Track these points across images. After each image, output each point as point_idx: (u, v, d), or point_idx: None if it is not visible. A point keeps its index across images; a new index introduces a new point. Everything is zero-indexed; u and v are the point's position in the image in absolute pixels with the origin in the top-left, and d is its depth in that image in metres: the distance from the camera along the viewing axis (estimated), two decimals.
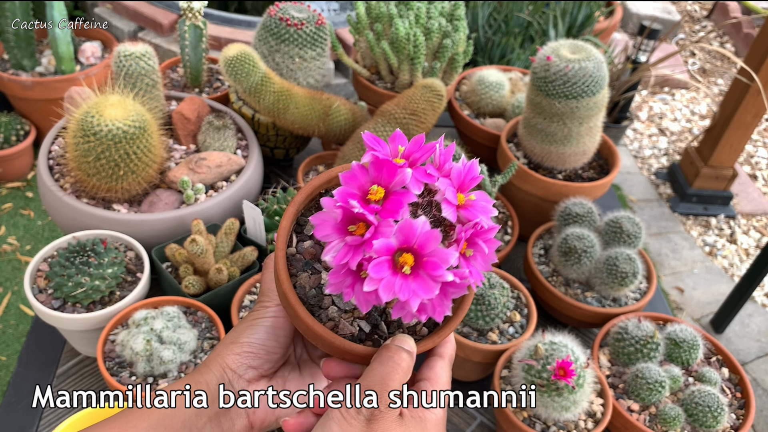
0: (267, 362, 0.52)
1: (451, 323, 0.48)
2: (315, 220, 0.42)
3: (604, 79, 1.16)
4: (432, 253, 0.40)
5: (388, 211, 0.40)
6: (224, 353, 0.51)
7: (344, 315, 0.47)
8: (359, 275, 0.40)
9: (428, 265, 0.40)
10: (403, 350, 0.46)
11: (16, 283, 2.05)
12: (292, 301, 0.46)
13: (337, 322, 0.47)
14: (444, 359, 0.50)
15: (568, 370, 0.86)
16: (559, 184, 1.21)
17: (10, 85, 2.17)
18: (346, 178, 0.42)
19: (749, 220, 2.77)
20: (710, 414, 0.95)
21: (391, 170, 0.41)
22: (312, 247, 0.49)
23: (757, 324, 2.32)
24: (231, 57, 1.12)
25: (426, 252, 0.40)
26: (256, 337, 0.52)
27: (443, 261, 0.40)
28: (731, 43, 3.90)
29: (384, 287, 0.39)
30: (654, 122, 3.27)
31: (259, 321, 0.52)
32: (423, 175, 0.42)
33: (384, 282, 0.39)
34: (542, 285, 1.14)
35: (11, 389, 0.98)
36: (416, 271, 0.40)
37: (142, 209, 1.10)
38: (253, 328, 0.52)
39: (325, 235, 0.41)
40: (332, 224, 0.41)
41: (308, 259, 0.48)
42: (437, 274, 0.39)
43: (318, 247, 0.49)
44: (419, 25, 1.29)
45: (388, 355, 0.45)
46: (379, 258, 0.39)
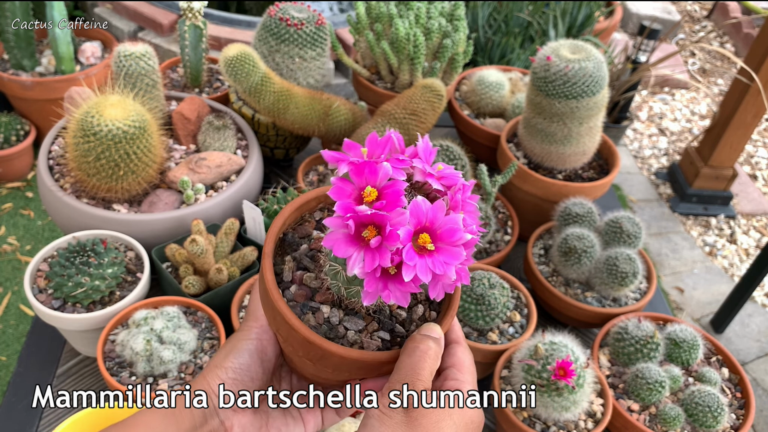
0: (251, 389, 0.51)
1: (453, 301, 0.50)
2: (328, 243, 0.42)
3: (604, 79, 1.16)
4: (443, 223, 0.42)
5: (391, 203, 0.42)
6: (210, 377, 0.51)
7: (362, 335, 0.48)
8: (389, 274, 0.42)
9: (445, 235, 0.42)
10: (428, 338, 0.47)
11: (16, 283, 2.05)
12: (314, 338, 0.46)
13: (360, 343, 0.47)
14: (461, 344, 0.50)
15: (568, 370, 0.86)
16: (559, 184, 1.21)
17: (10, 85, 2.17)
18: (335, 193, 0.43)
19: (749, 220, 2.77)
20: (710, 414, 0.95)
21: (373, 169, 0.42)
22: (300, 290, 0.49)
23: (757, 324, 2.32)
24: (231, 57, 1.12)
25: (438, 225, 0.42)
26: (239, 362, 0.51)
27: (455, 226, 0.42)
28: (731, 43, 3.90)
29: (421, 270, 0.40)
30: (654, 122, 3.27)
31: (244, 344, 0.52)
32: (400, 162, 0.44)
33: (419, 266, 0.40)
34: (542, 285, 1.14)
35: (11, 389, 0.98)
36: (437, 245, 0.42)
37: (142, 209, 1.10)
38: (237, 352, 0.51)
39: (345, 251, 0.42)
40: (346, 239, 0.42)
41: (303, 302, 0.49)
42: (456, 238, 0.41)
43: (306, 288, 0.49)
44: (419, 25, 1.29)
45: (414, 346, 0.46)
46: (407, 245, 0.41)
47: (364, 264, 0.41)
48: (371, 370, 0.48)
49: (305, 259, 0.50)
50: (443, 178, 0.45)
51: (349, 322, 0.48)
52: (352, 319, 0.48)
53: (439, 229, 0.42)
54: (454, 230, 0.41)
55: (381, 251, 0.41)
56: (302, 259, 0.50)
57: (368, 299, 0.42)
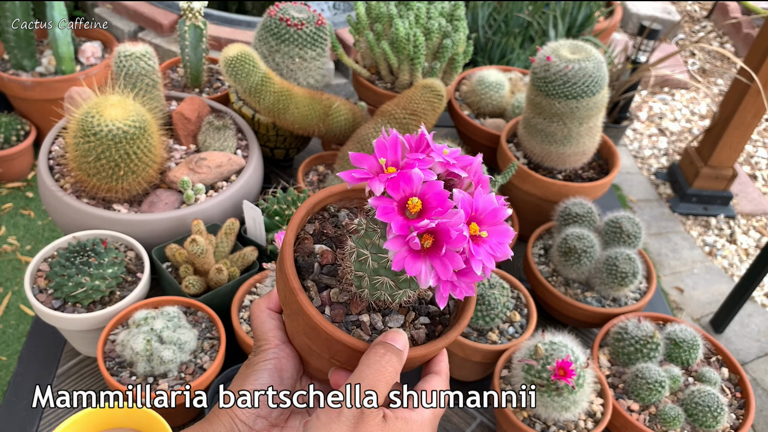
0: (275, 410, 0.50)
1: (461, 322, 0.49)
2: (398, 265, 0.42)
3: (604, 79, 1.16)
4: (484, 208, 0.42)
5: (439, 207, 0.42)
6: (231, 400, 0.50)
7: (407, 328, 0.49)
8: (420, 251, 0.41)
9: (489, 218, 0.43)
10: (389, 352, 0.45)
11: (16, 283, 2.05)
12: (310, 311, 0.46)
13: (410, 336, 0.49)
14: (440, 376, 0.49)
15: (568, 370, 0.86)
16: (558, 184, 1.21)
17: (10, 85, 2.17)
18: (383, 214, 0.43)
19: (749, 220, 2.77)
20: (710, 414, 0.95)
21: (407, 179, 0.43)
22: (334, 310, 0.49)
23: (757, 324, 2.32)
24: (231, 57, 1.12)
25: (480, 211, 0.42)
26: (260, 383, 0.50)
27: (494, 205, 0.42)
28: (731, 43, 3.90)
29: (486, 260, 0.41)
30: (654, 122, 3.27)
31: (262, 365, 0.51)
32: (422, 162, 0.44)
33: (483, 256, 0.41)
34: (542, 285, 1.14)
35: (11, 389, 0.98)
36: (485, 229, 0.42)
37: (143, 209, 1.10)
38: (257, 374, 0.50)
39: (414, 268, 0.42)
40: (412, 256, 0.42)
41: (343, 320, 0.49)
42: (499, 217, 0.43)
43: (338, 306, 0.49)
44: (419, 26, 1.29)
45: (375, 360, 0.45)
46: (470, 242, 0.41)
47: (438, 273, 0.41)
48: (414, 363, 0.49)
49: (324, 277, 0.50)
50: (458, 161, 0.45)
51: (392, 321, 0.48)
52: (393, 317, 0.48)
53: (483, 213, 0.42)
54: (495, 211, 0.42)
55: (451, 257, 0.41)
56: (321, 278, 0.50)
57: (443, 302, 0.43)
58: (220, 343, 0.94)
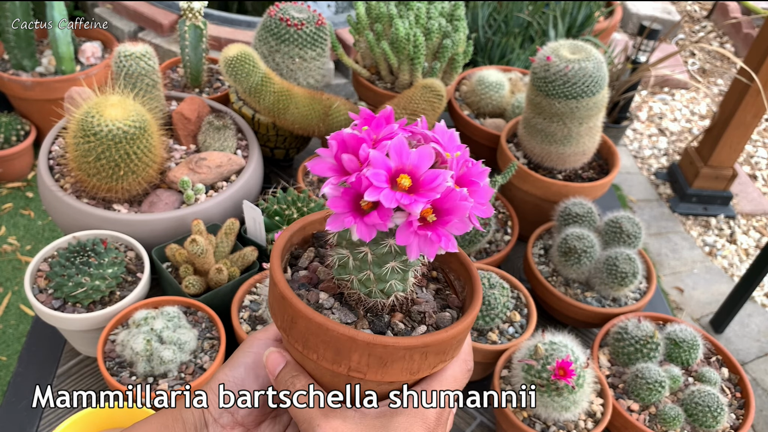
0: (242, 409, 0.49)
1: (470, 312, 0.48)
2: (311, 162, 0.42)
3: (604, 79, 1.16)
4: (427, 171, 0.40)
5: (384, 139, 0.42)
6: (206, 390, 0.49)
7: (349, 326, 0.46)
8: (361, 209, 0.41)
9: (426, 182, 0.40)
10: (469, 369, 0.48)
11: (16, 283, 2.05)
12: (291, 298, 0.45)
13: None
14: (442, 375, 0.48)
15: (568, 370, 0.86)
16: (558, 184, 1.21)
17: (10, 85, 2.17)
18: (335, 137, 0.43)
19: (749, 220, 2.77)
20: (710, 414, 0.95)
21: (378, 123, 0.43)
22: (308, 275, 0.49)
23: (757, 324, 2.32)
24: (231, 57, 1.12)
25: (421, 172, 0.41)
26: (233, 374, 0.49)
27: (441, 176, 0.40)
28: (731, 43, 3.90)
29: (386, 195, 0.39)
30: (654, 122, 3.27)
31: (241, 359, 0.50)
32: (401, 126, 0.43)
33: (386, 192, 0.39)
34: (542, 285, 1.14)
35: (11, 389, 0.98)
36: (414, 189, 0.41)
37: (143, 209, 1.10)
38: (232, 365, 0.50)
39: (321, 171, 0.42)
40: (328, 160, 0.42)
41: (303, 282, 0.49)
42: (435, 184, 0.40)
43: (312, 274, 0.49)
44: (419, 26, 1.29)
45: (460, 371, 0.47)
46: (377, 170, 0.40)
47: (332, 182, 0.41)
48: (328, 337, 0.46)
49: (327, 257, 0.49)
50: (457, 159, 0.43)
51: (340, 312, 0.46)
52: (344, 311, 0.47)
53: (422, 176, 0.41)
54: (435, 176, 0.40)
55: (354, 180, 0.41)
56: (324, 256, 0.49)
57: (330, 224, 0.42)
58: (220, 343, 0.94)
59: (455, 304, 0.51)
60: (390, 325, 0.47)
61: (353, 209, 0.41)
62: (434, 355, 0.45)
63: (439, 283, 0.53)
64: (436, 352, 0.45)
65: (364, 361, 0.43)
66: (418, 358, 0.44)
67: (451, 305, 0.51)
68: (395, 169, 0.40)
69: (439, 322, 0.48)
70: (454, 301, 0.51)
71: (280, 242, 0.49)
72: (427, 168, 0.40)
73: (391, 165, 0.40)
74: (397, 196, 0.39)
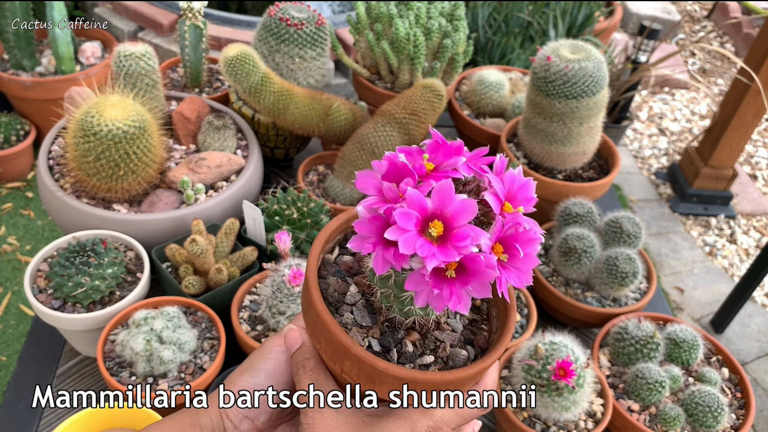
0: (263, 413, 0.49)
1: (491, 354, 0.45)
2: (360, 173, 0.40)
3: (604, 79, 1.16)
4: (463, 226, 0.38)
5: (433, 177, 0.39)
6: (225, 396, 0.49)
7: (358, 328, 0.45)
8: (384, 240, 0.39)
9: (455, 237, 0.38)
10: None
11: (16, 283, 2.05)
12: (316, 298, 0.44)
13: (348, 330, 0.45)
14: None
15: (568, 370, 0.86)
16: (559, 184, 1.21)
17: (10, 85, 2.17)
18: (402, 150, 0.41)
19: (749, 220, 2.77)
20: (710, 414, 0.95)
21: (447, 152, 0.40)
22: (350, 261, 0.48)
23: (757, 324, 2.32)
24: (231, 57, 1.12)
25: (457, 224, 0.38)
26: (254, 381, 0.49)
27: (473, 237, 0.37)
28: (731, 43, 3.90)
29: (405, 240, 0.37)
30: (654, 122, 3.27)
31: (260, 362, 0.50)
32: (476, 165, 0.41)
33: (407, 235, 0.37)
34: (542, 285, 1.14)
35: (11, 389, 0.98)
36: (442, 240, 0.38)
37: (142, 209, 1.10)
38: (252, 371, 0.50)
39: (365, 186, 0.40)
40: (374, 178, 0.40)
41: (343, 269, 0.48)
42: (462, 244, 0.37)
43: (354, 263, 0.48)
44: (419, 25, 1.29)
45: None
46: (409, 210, 0.38)
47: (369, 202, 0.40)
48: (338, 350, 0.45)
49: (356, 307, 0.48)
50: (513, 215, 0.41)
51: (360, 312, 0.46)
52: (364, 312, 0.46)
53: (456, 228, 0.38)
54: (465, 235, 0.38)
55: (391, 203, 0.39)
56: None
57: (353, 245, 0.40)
58: (219, 343, 0.94)
59: (480, 343, 0.48)
60: (400, 343, 0.45)
61: (378, 236, 0.39)
62: (424, 390, 0.44)
63: (479, 313, 0.50)
64: (424, 390, 0.43)
65: (355, 371, 0.44)
66: (406, 388, 0.43)
67: (476, 343, 0.48)
68: (431, 212, 0.38)
69: (452, 358, 0.46)
70: (481, 340, 0.48)
71: (333, 224, 0.48)
72: (464, 222, 0.38)
73: (428, 207, 0.38)
74: (417, 244, 0.37)
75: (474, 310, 0.50)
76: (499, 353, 0.45)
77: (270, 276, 0.94)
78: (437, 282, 0.38)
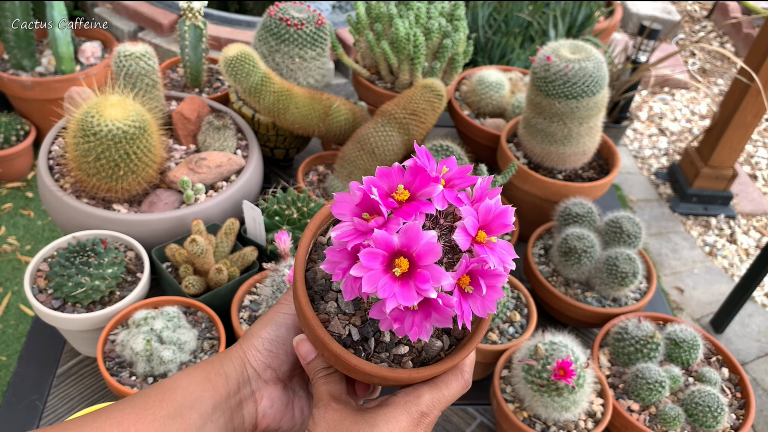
0: (285, 363, 0.52)
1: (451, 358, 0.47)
2: (338, 196, 0.42)
3: (604, 79, 1.16)
4: (427, 266, 0.39)
5: (404, 212, 0.41)
6: (246, 346, 0.51)
7: (341, 315, 0.47)
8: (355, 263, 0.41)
9: (419, 277, 0.40)
10: None
11: (16, 283, 2.05)
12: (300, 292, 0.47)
13: (330, 318, 0.47)
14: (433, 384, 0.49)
15: (568, 370, 0.86)
16: (559, 184, 1.21)
17: (10, 85, 2.17)
18: (381, 172, 0.42)
19: (749, 220, 2.77)
20: (710, 414, 0.95)
21: (425, 179, 0.41)
22: None
23: (757, 324, 2.32)
24: (231, 57, 1.12)
25: (422, 264, 0.40)
26: (277, 333, 0.52)
27: (435, 278, 0.39)
28: (731, 43, 3.90)
29: (369, 278, 0.39)
30: (654, 122, 3.27)
31: (282, 317, 0.52)
32: (452, 196, 0.42)
33: (371, 273, 0.39)
34: (542, 285, 1.14)
35: (11, 389, 0.98)
36: (405, 278, 0.40)
37: (142, 209, 1.10)
38: (275, 324, 0.52)
39: (340, 213, 0.42)
40: (350, 205, 0.42)
41: None
42: (423, 287, 0.39)
43: None
44: (419, 25, 1.29)
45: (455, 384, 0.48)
46: (375, 249, 0.39)
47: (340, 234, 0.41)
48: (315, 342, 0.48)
49: None
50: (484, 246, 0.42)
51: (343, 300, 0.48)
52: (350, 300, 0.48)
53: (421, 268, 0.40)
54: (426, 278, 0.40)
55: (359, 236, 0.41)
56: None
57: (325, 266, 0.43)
58: (219, 343, 0.94)
59: (456, 333, 0.49)
60: (379, 331, 0.47)
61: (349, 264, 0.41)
62: (394, 383, 0.47)
63: None
64: (395, 383, 0.47)
65: (332, 360, 0.47)
66: (378, 380, 0.47)
67: (453, 333, 0.49)
68: (398, 249, 0.40)
69: (425, 349, 0.48)
70: (457, 331, 0.49)
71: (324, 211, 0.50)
72: (430, 262, 0.39)
73: (395, 245, 0.40)
74: (380, 284, 0.39)
75: None
76: (468, 351, 0.47)
77: (270, 276, 0.94)
78: (398, 317, 0.41)
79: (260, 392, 0.51)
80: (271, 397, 0.51)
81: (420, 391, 0.47)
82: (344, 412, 0.47)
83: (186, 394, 0.48)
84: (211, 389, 0.49)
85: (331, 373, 0.49)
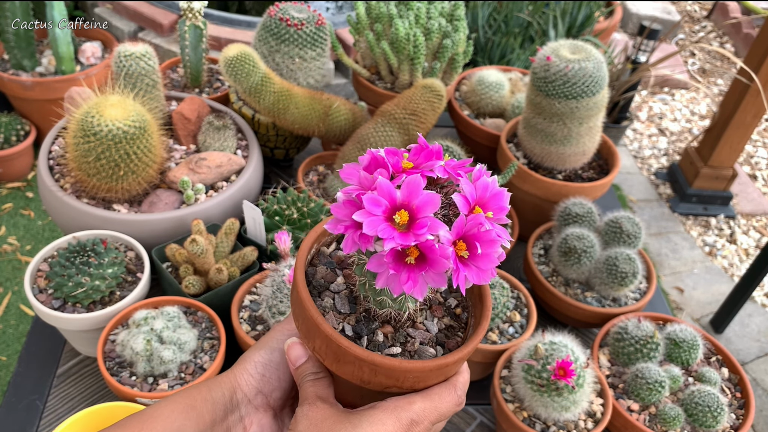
0: (277, 389, 0.51)
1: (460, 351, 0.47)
2: (347, 165, 0.44)
3: (604, 79, 1.16)
4: (426, 217, 0.41)
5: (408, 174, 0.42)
6: (238, 371, 0.50)
7: (336, 313, 0.47)
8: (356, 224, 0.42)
9: (417, 225, 0.41)
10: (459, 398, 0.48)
11: (16, 283, 2.05)
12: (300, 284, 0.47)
13: (325, 313, 0.47)
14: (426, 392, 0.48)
15: (568, 370, 0.86)
16: (559, 184, 1.21)
17: (10, 85, 2.17)
18: (387, 150, 0.44)
19: (749, 220, 2.77)
20: (710, 414, 0.95)
21: (428, 155, 0.44)
22: (344, 257, 0.50)
23: (757, 324, 2.32)
24: (231, 57, 1.12)
25: (421, 216, 0.41)
26: (270, 357, 0.51)
27: (432, 227, 0.40)
28: (731, 43, 3.90)
29: (370, 222, 0.40)
30: (654, 122, 3.27)
31: (276, 342, 0.51)
32: (452, 168, 0.44)
33: (373, 219, 0.40)
34: (542, 285, 1.14)
35: (11, 389, 0.98)
36: (406, 228, 0.41)
37: (143, 209, 1.10)
38: (269, 348, 0.51)
39: (348, 176, 0.43)
40: (357, 169, 0.43)
41: (335, 261, 0.50)
42: (420, 232, 0.40)
43: (347, 258, 0.50)
44: (419, 26, 1.29)
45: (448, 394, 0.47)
46: (378, 196, 0.41)
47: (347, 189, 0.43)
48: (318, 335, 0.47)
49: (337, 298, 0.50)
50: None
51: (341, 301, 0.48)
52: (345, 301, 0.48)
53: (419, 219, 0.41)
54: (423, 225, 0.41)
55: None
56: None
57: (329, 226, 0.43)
58: (220, 343, 0.94)
59: (451, 346, 0.49)
60: (373, 332, 0.47)
61: (352, 220, 0.42)
62: (384, 377, 0.45)
63: (459, 322, 0.51)
64: (386, 375, 0.45)
65: (323, 350, 0.46)
66: (367, 370, 0.45)
67: (447, 346, 0.49)
68: (400, 203, 0.41)
69: (418, 353, 0.48)
70: (452, 344, 0.49)
71: None
72: (428, 213, 0.41)
73: (397, 197, 0.41)
74: (380, 228, 0.40)
75: (454, 318, 0.52)
76: (463, 353, 0.47)
77: (270, 276, 0.94)
78: (396, 265, 0.41)
79: (249, 418, 0.50)
80: (261, 424, 0.50)
81: (412, 398, 0.46)
82: (329, 411, 0.46)
83: (166, 424, 0.47)
84: (195, 417, 0.47)
85: (320, 378, 0.48)
